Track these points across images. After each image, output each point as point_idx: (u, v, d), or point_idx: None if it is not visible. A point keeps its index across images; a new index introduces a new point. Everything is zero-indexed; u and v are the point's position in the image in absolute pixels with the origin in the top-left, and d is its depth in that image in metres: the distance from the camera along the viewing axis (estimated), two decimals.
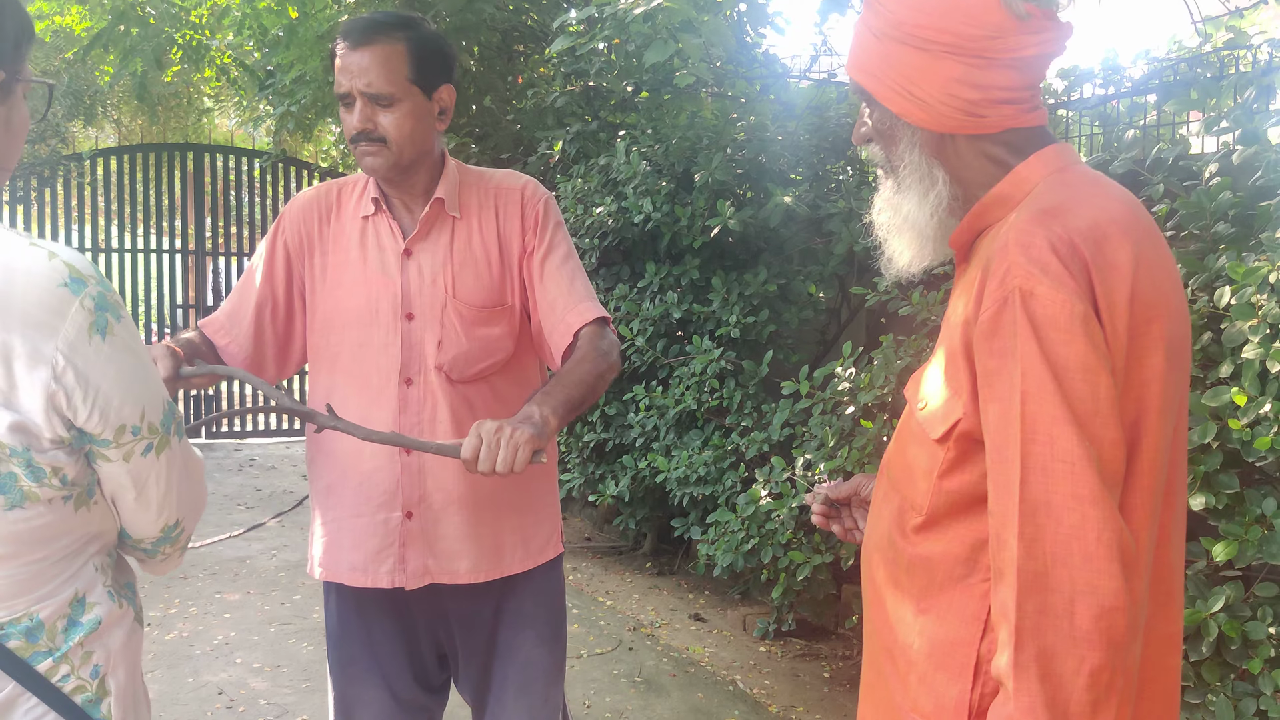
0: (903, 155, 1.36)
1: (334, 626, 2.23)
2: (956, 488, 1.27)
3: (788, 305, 5.11)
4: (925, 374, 1.38)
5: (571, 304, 2.06)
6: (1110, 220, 1.21)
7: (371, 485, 2.09)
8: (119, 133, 12.92)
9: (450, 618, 2.18)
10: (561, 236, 2.14)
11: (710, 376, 4.81)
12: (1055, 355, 1.14)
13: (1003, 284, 1.18)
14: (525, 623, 2.17)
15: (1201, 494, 2.47)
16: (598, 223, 5.34)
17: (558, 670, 2.23)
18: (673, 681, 4.33)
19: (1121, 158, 3.12)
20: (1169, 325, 1.21)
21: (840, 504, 1.68)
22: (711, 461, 4.61)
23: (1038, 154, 1.32)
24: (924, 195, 1.35)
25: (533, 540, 2.17)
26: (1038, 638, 1.13)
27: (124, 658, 1.23)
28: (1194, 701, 2.55)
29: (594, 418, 5.52)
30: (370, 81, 1.95)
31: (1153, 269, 1.21)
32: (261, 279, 2.16)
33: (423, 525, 2.08)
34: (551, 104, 6.60)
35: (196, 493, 1.37)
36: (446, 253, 2.09)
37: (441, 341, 2.06)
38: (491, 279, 2.09)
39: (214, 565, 5.96)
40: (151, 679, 4.22)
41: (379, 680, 2.19)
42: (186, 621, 4.97)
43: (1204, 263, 2.63)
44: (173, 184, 10.22)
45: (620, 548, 6.37)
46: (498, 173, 2.19)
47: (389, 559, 2.10)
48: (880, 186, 1.44)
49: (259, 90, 7.62)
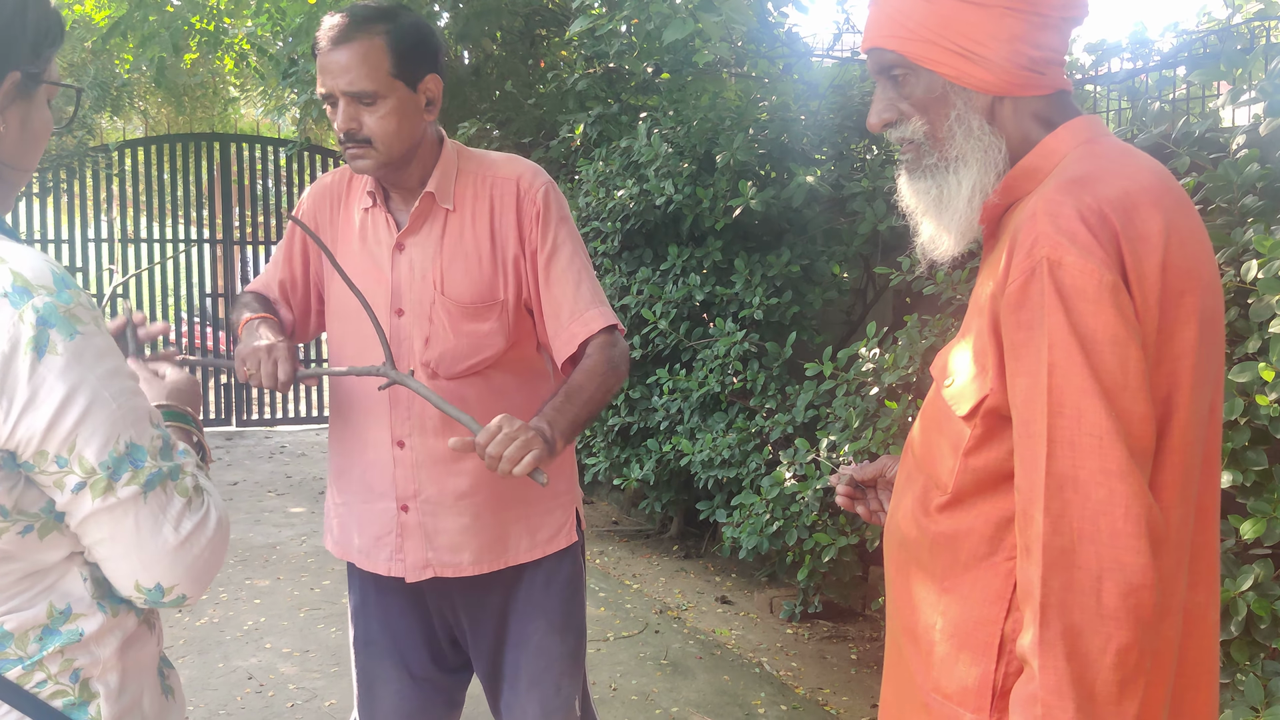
0: (955, 125, 1.31)
1: (356, 605, 2.26)
2: (983, 465, 1.25)
3: (811, 286, 5.08)
4: (952, 351, 1.36)
5: (577, 312, 2.02)
6: (1141, 190, 1.19)
7: (372, 474, 2.11)
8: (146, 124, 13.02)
9: (458, 606, 2.18)
10: (566, 233, 2.07)
11: (734, 359, 4.78)
12: (1083, 326, 1.12)
13: (1030, 254, 1.16)
14: (536, 611, 2.16)
15: (1229, 471, 2.43)
16: (619, 206, 5.32)
17: (572, 659, 2.21)
18: (699, 664, 4.33)
19: (1148, 132, 3.07)
20: (1202, 298, 1.19)
21: (865, 485, 1.67)
22: (736, 444, 4.60)
23: (1066, 125, 1.30)
24: (985, 163, 1.31)
25: (541, 530, 2.15)
26: (1064, 615, 1.11)
27: (119, 663, 1.18)
28: (1223, 681, 2.52)
29: (619, 401, 5.51)
30: (351, 80, 1.89)
31: (1185, 240, 1.19)
32: (283, 257, 2.24)
33: (420, 519, 2.08)
34: (572, 87, 6.58)
35: (201, 557, 1.19)
36: (437, 247, 2.05)
37: (429, 338, 2.04)
38: (482, 274, 2.04)
39: (244, 551, 6.02)
40: (182, 665, 4.27)
41: (397, 660, 2.21)
42: (217, 607, 5.03)
43: (1231, 236, 2.58)
44: (199, 174, 10.29)
45: (647, 531, 6.37)
46: (498, 159, 2.12)
47: (387, 548, 2.12)
48: (908, 169, 1.39)
49: (282, 79, 7.64)
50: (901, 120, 1.36)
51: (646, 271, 5.32)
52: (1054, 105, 1.31)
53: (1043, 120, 1.31)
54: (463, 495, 2.07)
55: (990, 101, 1.31)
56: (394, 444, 2.07)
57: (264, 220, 10.71)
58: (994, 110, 1.31)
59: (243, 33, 7.71)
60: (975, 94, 1.30)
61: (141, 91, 11.34)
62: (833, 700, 4.02)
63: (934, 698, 1.30)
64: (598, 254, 5.67)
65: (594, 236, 5.69)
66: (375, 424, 2.09)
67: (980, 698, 1.24)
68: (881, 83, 1.37)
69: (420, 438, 2.06)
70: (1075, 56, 4.24)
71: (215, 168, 10.32)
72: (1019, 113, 1.31)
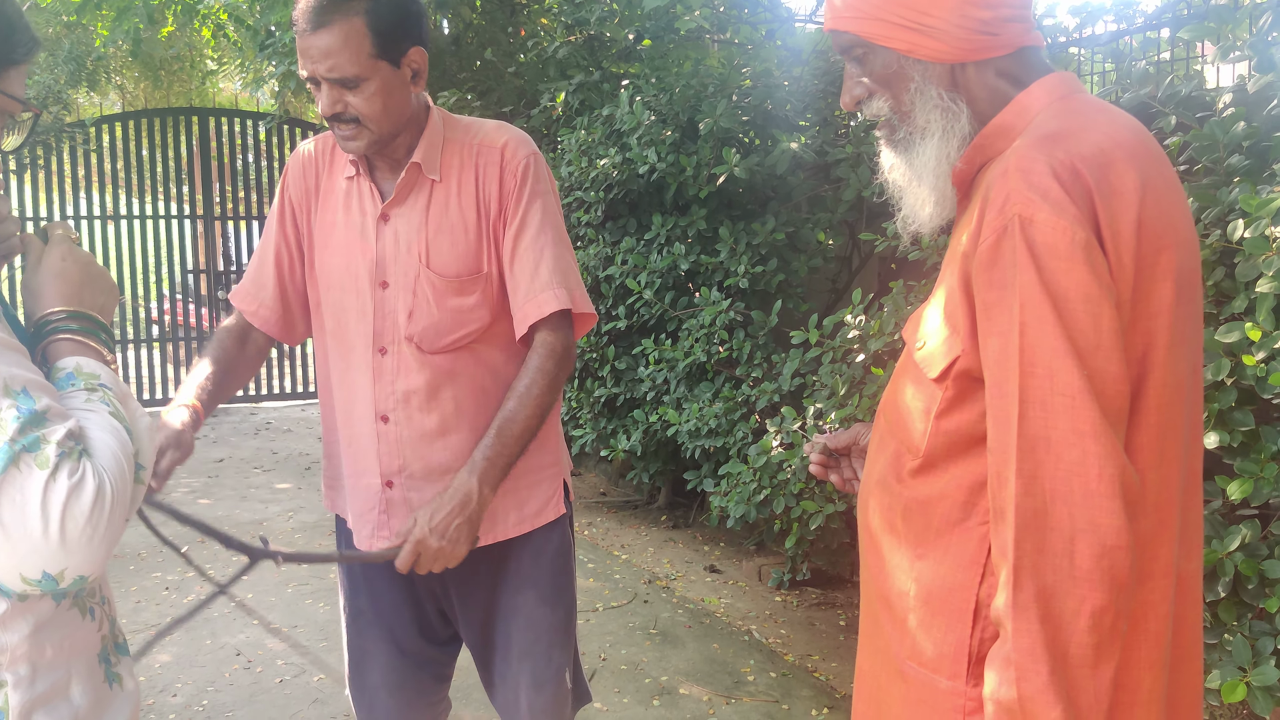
0: (915, 96, 1.30)
1: (344, 579, 2.25)
2: (954, 428, 1.23)
3: (797, 254, 5.05)
4: (924, 313, 1.34)
5: (533, 292, 1.96)
6: (1116, 146, 1.17)
7: (357, 449, 2.09)
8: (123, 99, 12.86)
9: (447, 580, 2.16)
10: (539, 206, 2.01)
11: (719, 328, 4.76)
12: (1055, 285, 1.10)
13: (1002, 212, 1.14)
14: (526, 583, 2.15)
15: (1216, 432, 2.42)
16: (602, 175, 5.28)
17: (562, 630, 2.19)
18: (688, 633, 4.34)
19: (1133, 92, 3.04)
20: (1179, 255, 1.17)
21: (839, 453, 1.65)
22: (722, 413, 4.58)
23: (1039, 82, 1.28)
24: (948, 130, 1.30)
25: (528, 504, 2.13)
26: (1037, 577, 1.09)
27: (30, 650, 1.11)
28: (1211, 641, 2.52)
29: (604, 372, 5.49)
30: (333, 65, 1.83)
31: (1161, 197, 1.17)
32: (276, 235, 2.15)
33: (405, 494, 2.06)
34: (553, 55, 6.52)
35: (84, 531, 1.05)
36: (423, 219, 2.00)
37: (413, 311, 2.00)
38: (468, 246, 2.00)
39: (231, 528, 5.98)
40: (169, 642, 4.25)
41: (385, 633, 2.20)
42: (204, 584, 5.00)
43: (1217, 196, 2.56)
44: (179, 149, 10.18)
45: (635, 502, 6.37)
46: (486, 127, 2.07)
47: (370, 523, 2.10)
48: (885, 143, 1.38)
49: (259, 51, 7.55)
50: (870, 97, 1.36)
51: (631, 241, 5.28)
52: (1022, 63, 1.29)
53: (1013, 79, 1.29)
54: (448, 470, 2.04)
55: (949, 70, 1.29)
56: (377, 419, 2.04)
57: (245, 195, 10.61)
58: (955, 78, 1.30)
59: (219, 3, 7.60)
60: (931, 65, 1.29)
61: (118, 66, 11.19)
62: (822, 666, 4.03)
63: (910, 665, 1.29)
64: (581, 224, 5.62)
65: (577, 206, 5.65)
66: (359, 399, 2.06)
67: (956, 663, 1.23)
68: (847, 62, 1.37)
69: (404, 412, 2.03)
70: (1059, 20, 4.20)
71: (194, 142, 10.21)
72: (983, 75, 1.30)
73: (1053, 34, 4.11)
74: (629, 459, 5.73)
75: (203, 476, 7.34)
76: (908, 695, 1.29)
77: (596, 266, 5.43)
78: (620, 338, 5.53)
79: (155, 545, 5.62)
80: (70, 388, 1.16)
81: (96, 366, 1.19)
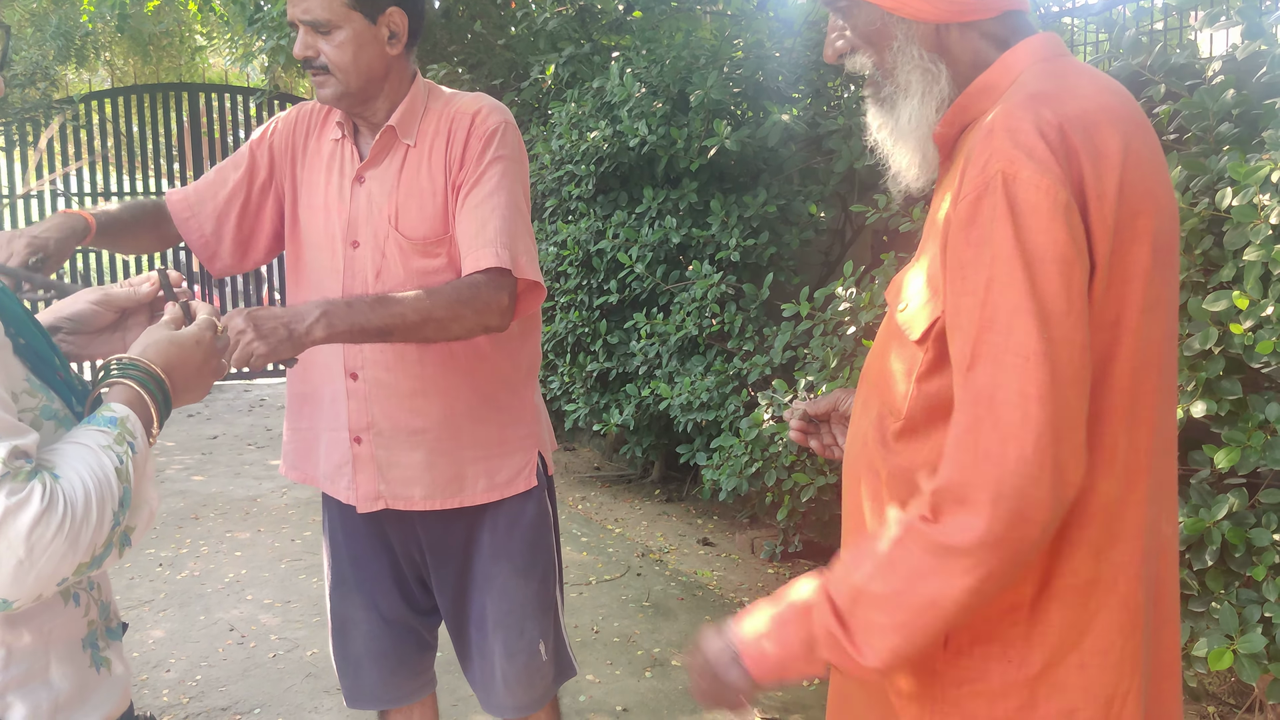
0: (897, 55, 1.28)
1: (328, 546, 2.27)
2: (935, 390, 1.22)
3: (789, 227, 5.03)
4: (907, 275, 1.33)
5: (474, 249, 1.93)
6: (1100, 109, 1.15)
7: (331, 404, 2.12)
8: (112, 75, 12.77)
9: (422, 543, 2.19)
10: (499, 170, 1.99)
11: (711, 301, 4.75)
12: (1030, 243, 1.08)
13: (984, 169, 1.12)
14: (500, 554, 2.16)
15: (1203, 400, 2.42)
16: (592, 148, 5.25)
17: (538, 603, 2.20)
18: (681, 605, 4.35)
19: (1124, 60, 3.02)
20: (1157, 220, 1.16)
21: (819, 419, 1.64)
22: (714, 387, 4.58)
23: (1024, 42, 1.26)
24: (927, 92, 1.28)
25: (499, 472, 2.13)
26: (948, 526, 1.09)
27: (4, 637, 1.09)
28: (1198, 610, 2.53)
29: (596, 347, 5.48)
30: (308, 8, 1.91)
31: (1142, 161, 1.16)
32: (243, 174, 2.16)
33: (372, 451, 2.08)
34: (543, 27, 6.47)
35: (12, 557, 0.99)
36: (395, 181, 2.03)
37: (380, 271, 2.03)
38: (435, 209, 2.02)
39: (224, 505, 6.00)
40: (163, 618, 4.26)
41: (367, 600, 2.22)
42: (198, 561, 5.01)
43: (1206, 164, 2.55)
44: (169, 125, 10.12)
45: (629, 476, 6.38)
46: (464, 97, 2.10)
47: (345, 477, 2.12)
48: (871, 100, 1.36)
49: (248, 25, 7.49)
50: (853, 51, 1.34)
51: (622, 215, 5.26)
52: (1007, 25, 1.27)
53: (997, 40, 1.28)
54: (415, 431, 2.07)
55: (934, 29, 1.27)
56: (347, 375, 2.07)
57: None
58: (939, 38, 1.28)
59: None
60: (914, 23, 1.27)
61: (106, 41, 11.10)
62: None
63: None
64: (572, 198, 5.60)
65: (568, 180, 5.62)
66: (330, 354, 2.08)
67: None
68: (831, 13, 1.35)
69: (373, 370, 2.05)
70: None
71: (184, 118, 10.15)
72: (967, 37, 1.28)
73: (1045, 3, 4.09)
74: (622, 433, 5.73)
75: (196, 453, 7.34)
76: None
77: (588, 240, 5.41)
78: (612, 312, 5.52)
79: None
80: (99, 425, 1.12)
81: (140, 433, 1.16)
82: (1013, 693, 1.18)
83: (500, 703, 2.22)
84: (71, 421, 1.16)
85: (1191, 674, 2.61)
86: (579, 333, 5.60)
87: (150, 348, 1.27)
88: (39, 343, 1.17)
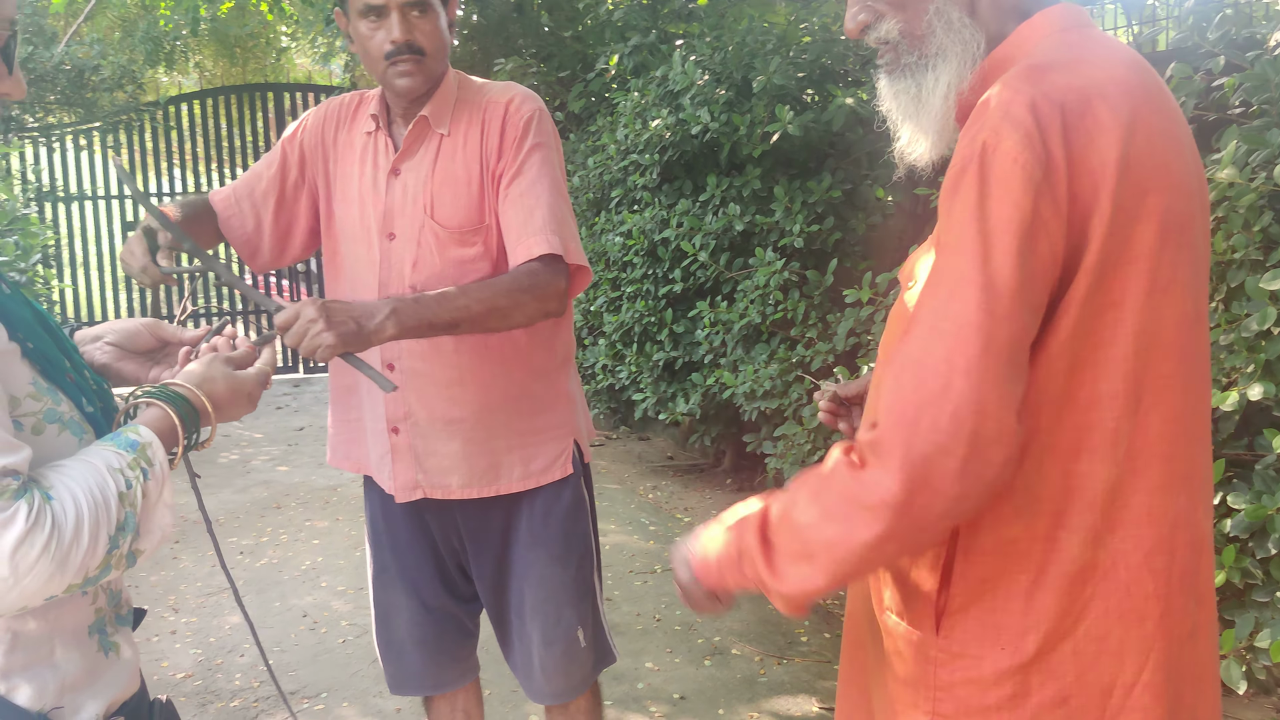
0: (935, 19, 1.24)
1: (370, 535, 2.32)
2: None
3: (855, 211, 4.96)
4: (920, 255, 1.31)
5: (523, 236, 1.96)
6: (1108, 80, 1.11)
7: (369, 395, 2.15)
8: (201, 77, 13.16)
9: (462, 531, 2.22)
10: (539, 158, 2.02)
11: (774, 289, 4.71)
12: (994, 215, 1.05)
13: (972, 141, 1.10)
14: (537, 542, 2.18)
15: (1261, 383, 2.32)
16: (655, 137, 5.24)
17: (576, 589, 2.22)
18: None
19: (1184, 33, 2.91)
20: (1169, 198, 1.11)
21: (850, 402, 1.61)
22: (777, 375, 4.54)
23: (1042, 13, 1.22)
24: (963, 56, 1.23)
25: (535, 460, 2.15)
26: (858, 476, 1.08)
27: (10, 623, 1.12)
28: (1262, 600, 2.44)
29: (662, 336, 5.48)
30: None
31: (1153, 137, 1.11)
32: (276, 171, 2.19)
33: (410, 441, 2.11)
34: (610, 18, 6.48)
35: None
36: (429, 171, 2.06)
37: (417, 261, 2.05)
38: (470, 198, 2.04)
39: (306, 494, 6.16)
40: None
41: (409, 588, 2.25)
42: (277, 549, 5.15)
43: (1265, 138, 2.44)
44: (255, 124, 10.40)
45: (701, 465, 6.37)
46: (495, 86, 2.13)
47: (385, 467, 2.16)
48: (887, 70, 1.31)
49: (326, 24, 7.65)
50: (877, 20, 1.29)
51: (686, 203, 5.24)
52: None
53: (1020, 11, 1.24)
54: (452, 421, 2.09)
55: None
56: (384, 366, 2.10)
57: None
58: (974, 3, 1.24)
59: None
60: None
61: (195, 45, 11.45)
62: None
63: (886, 615, 1.27)
64: (637, 187, 5.60)
65: (633, 170, 5.63)
66: None
67: (925, 616, 1.21)
68: None
69: (409, 361, 2.08)
70: None
71: (270, 117, 10.41)
72: (997, 5, 1.24)
73: None
74: (692, 422, 5.72)
75: (283, 444, 7.54)
76: (886, 644, 1.28)
77: (652, 230, 5.41)
78: (678, 301, 5.51)
79: (231, 511, 5.81)
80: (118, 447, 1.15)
81: (160, 459, 1.18)
82: (1006, 680, 1.16)
83: (540, 690, 2.25)
84: (78, 425, 1.19)
85: (1260, 666, 2.52)
86: (645, 322, 5.60)
87: (207, 382, 1.31)
88: (47, 346, 1.21)
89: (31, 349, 1.17)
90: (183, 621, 4.26)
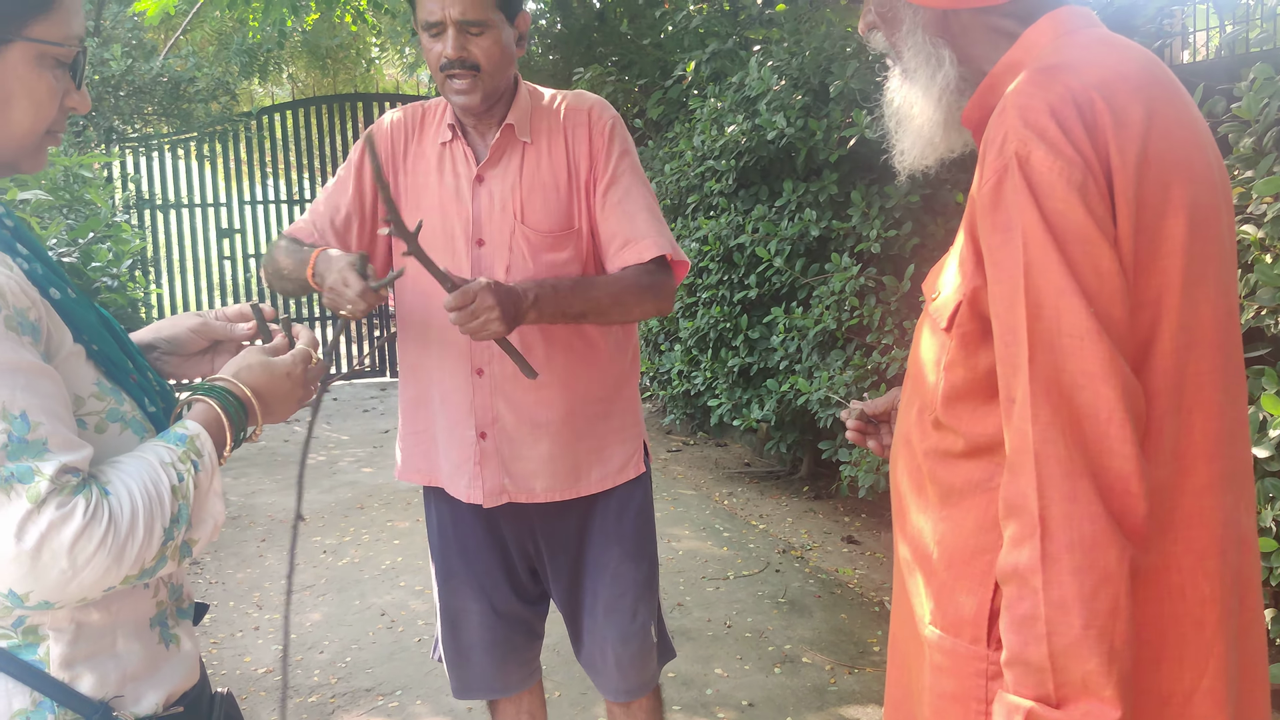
0: (905, 39, 1.28)
1: (434, 540, 2.35)
2: (960, 380, 1.20)
3: (933, 216, 4.90)
4: (943, 265, 1.30)
5: (631, 240, 2.07)
6: (1120, 78, 1.11)
7: (452, 402, 2.18)
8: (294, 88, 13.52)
9: (537, 534, 2.25)
10: (628, 165, 2.13)
11: (850, 294, 4.68)
12: (1057, 223, 1.06)
13: (1001, 152, 1.10)
14: (611, 539, 2.23)
15: None
16: (731, 142, 5.24)
17: (646, 586, 2.26)
18: (817, 602, 4.31)
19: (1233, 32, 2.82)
20: (1194, 190, 1.11)
21: (877, 419, 1.61)
22: (852, 382, 4.51)
23: (1048, 15, 1.22)
24: (930, 79, 1.27)
25: (611, 461, 2.21)
26: (1071, 527, 1.04)
27: (74, 613, 1.16)
28: None
29: (738, 342, 5.47)
30: (464, 10, 1.96)
31: (1170, 130, 1.11)
32: (352, 193, 2.22)
33: (497, 445, 2.15)
34: (689, 25, 6.50)
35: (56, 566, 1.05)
36: (516, 178, 2.11)
37: (510, 267, 2.10)
38: (559, 203, 2.10)
39: (389, 495, 6.28)
40: (321, 602, 4.51)
41: (478, 592, 2.29)
42: (358, 548, 5.27)
43: None
44: (345, 133, 10.65)
45: (778, 472, 6.34)
46: (568, 95, 2.19)
47: (465, 474, 2.19)
48: (890, 77, 1.35)
49: (413, 35, 7.80)
50: (872, 30, 1.35)
51: (762, 209, 5.23)
52: (1028, 4, 1.23)
53: (1018, 17, 1.24)
54: (539, 424, 2.14)
55: (941, 15, 1.25)
56: (473, 371, 2.14)
57: None
58: (947, 24, 1.26)
59: None
60: (921, 9, 1.25)
61: (287, 57, 11.77)
62: None
63: (933, 629, 1.25)
64: (713, 193, 5.60)
65: (709, 176, 5.63)
66: (453, 352, 2.15)
67: (977, 627, 1.19)
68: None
69: (499, 365, 2.12)
70: None
71: (359, 126, 10.65)
72: (983, 20, 1.25)
73: None
74: (769, 429, 5.70)
75: (368, 447, 7.70)
76: (932, 660, 1.27)
77: (728, 235, 5.40)
78: (753, 307, 5.50)
79: (317, 511, 5.95)
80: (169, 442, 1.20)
81: (209, 451, 1.23)
82: None
83: (615, 686, 2.29)
84: (139, 424, 1.25)
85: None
86: (720, 328, 5.60)
87: (244, 370, 1.37)
88: (111, 348, 1.26)
89: (96, 351, 1.23)
90: (266, 618, 4.38)
